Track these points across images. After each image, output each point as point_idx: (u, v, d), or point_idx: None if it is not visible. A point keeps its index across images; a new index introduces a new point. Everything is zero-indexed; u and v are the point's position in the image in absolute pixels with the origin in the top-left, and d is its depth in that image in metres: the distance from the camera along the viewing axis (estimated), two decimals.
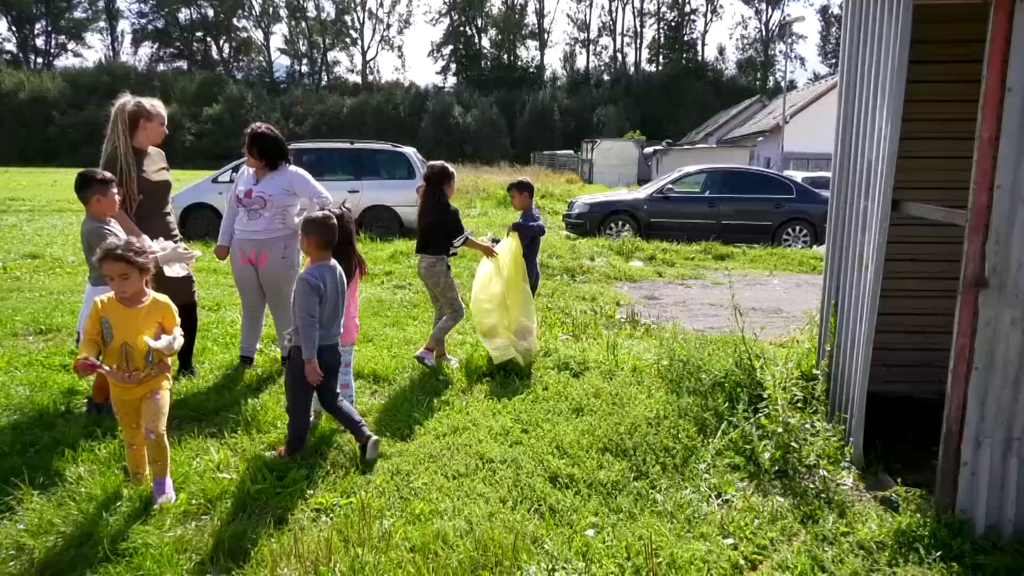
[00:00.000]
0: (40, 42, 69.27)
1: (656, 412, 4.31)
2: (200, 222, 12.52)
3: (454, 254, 5.36)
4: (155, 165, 4.66)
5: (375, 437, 3.80)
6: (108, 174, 4.09)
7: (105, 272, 3.26)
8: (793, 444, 3.76)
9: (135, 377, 3.29)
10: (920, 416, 4.56)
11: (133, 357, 3.27)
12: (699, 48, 75.63)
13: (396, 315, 7.09)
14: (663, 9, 75.01)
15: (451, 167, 5.31)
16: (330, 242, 3.75)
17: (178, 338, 3.32)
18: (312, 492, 3.44)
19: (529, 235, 5.51)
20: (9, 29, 67.77)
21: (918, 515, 3.29)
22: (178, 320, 3.39)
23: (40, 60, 68.33)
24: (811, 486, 3.57)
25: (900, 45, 3.48)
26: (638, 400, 4.56)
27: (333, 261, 3.80)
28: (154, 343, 3.24)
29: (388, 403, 4.57)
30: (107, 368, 3.25)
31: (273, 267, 4.89)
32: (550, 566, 2.92)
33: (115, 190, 4.06)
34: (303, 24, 73.45)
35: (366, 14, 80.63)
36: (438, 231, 5.16)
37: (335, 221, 3.91)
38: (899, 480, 3.56)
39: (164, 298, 3.39)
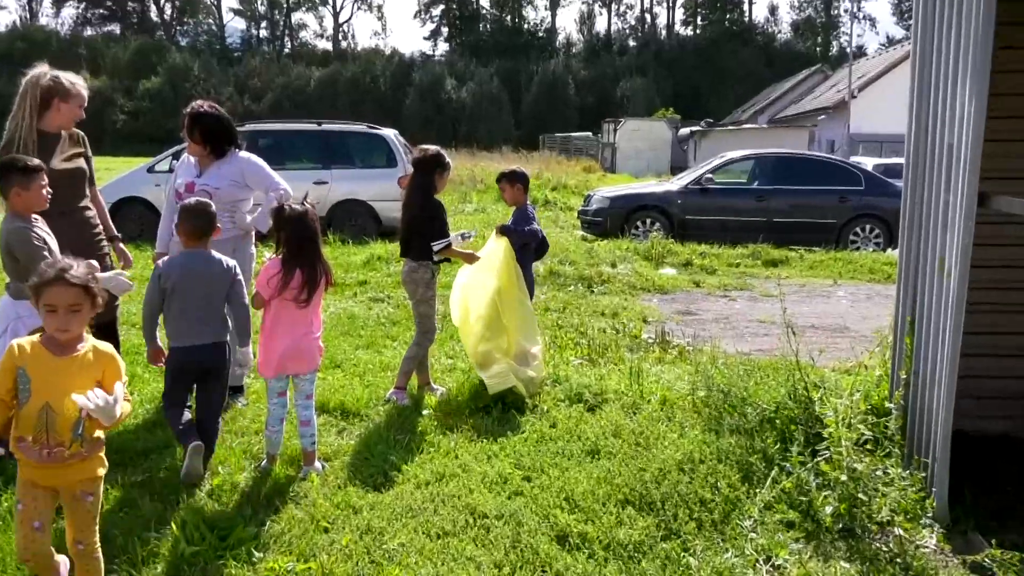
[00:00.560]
0: None
1: (690, 455, 4.28)
2: (132, 220, 12.58)
3: (444, 261, 5.36)
4: (65, 152, 4.62)
5: (201, 443, 3.92)
6: (35, 161, 4.04)
7: (48, 301, 2.79)
8: (861, 496, 3.72)
9: (56, 456, 2.79)
10: (1019, 460, 4.51)
11: (56, 426, 2.77)
12: (746, 7, 76.04)
13: (371, 335, 7.09)
14: None
15: (443, 153, 5.32)
16: (203, 231, 4.05)
17: (121, 400, 2.80)
18: (262, 555, 3.42)
19: (518, 240, 5.49)
20: None
21: None
22: (124, 376, 2.92)
23: None
24: (884, 548, 3.53)
25: (986, 2, 3.47)
26: (668, 440, 4.54)
27: (212, 253, 4.06)
28: (86, 401, 2.70)
29: (359, 444, 4.56)
30: (23, 442, 2.79)
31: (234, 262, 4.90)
32: None
33: (43, 181, 4.03)
34: None
35: None
36: (422, 230, 5.17)
37: (213, 209, 4.12)
38: (993, 541, 3.52)
39: (107, 347, 2.92)
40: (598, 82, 64.99)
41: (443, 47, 74.89)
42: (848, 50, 42.39)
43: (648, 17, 76.36)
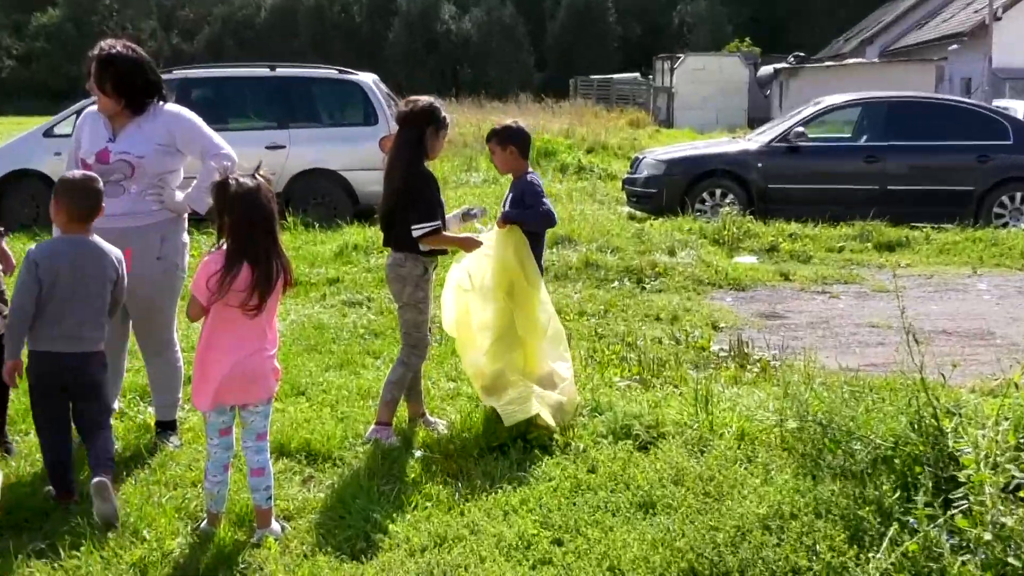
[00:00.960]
0: None
1: (778, 508, 4.27)
2: (23, 200, 12.68)
3: (439, 252, 5.36)
4: None
5: (103, 479, 4.12)
6: None
7: None
8: (1012, 561, 3.70)
9: None
10: None
11: None
12: None
13: (346, 351, 7.13)
14: None
15: (439, 106, 5.33)
16: (89, 212, 4.22)
17: None
18: None
19: (531, 227, 5.49)
20: None
21: None
22: None
23: None
24: None
25: None
26: (747, 488, 4.53)
27: (94, 240, 4.26)
28: None
29: (331, 498, 4.58)
30: None
31: (145, 271, 4.95)
32: None
33: None
34: None
35: None
36: (408, 210, 5.18)
37: (100, 185, 4.27)
38: None
39: None
40: (648, 7, 64.91)
41: None
42: None
43: None
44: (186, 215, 5.23)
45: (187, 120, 5.11)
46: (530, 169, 5.72)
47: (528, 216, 5.47)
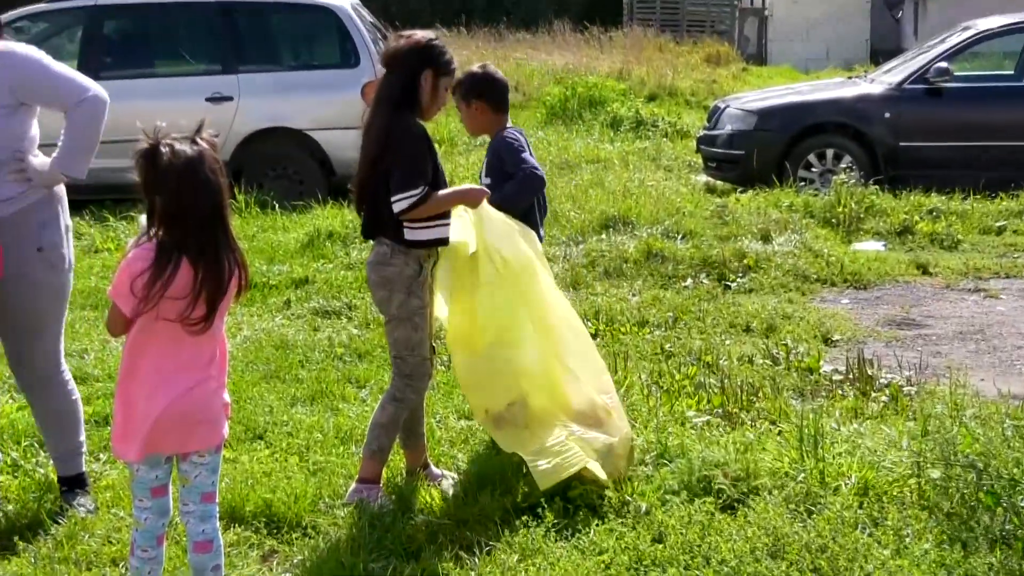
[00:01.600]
0: None
1: None
2: None
3: (434, 244, 5.36)
4: None
5: None
6: None
7: None
8: None
9: None
10: None
11: None
12: None
13: (319, 378, 7.16)
14: None
15: (440, 43, 5.35)
16: None
17: None
18: None
19: (510, 204, 5.58)
20: None
21: None
22: None
23: None
24: None
25: None
26: (874, 561, 4.53)
27: None
28: None
29: None
30: None
31: (23, 270, 5.05)
32: None
33: None
34: None
35: None
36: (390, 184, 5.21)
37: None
38: None
39: None
40: None
41: None
42: None
43: None
44: (61, 188, 5.26)
45: (28, 60, 5.08)
46: (509, 124, 5.82)
47: (513, 196, 5.58)
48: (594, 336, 7.89)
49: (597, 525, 4.95)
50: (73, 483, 5.36)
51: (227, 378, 4.33)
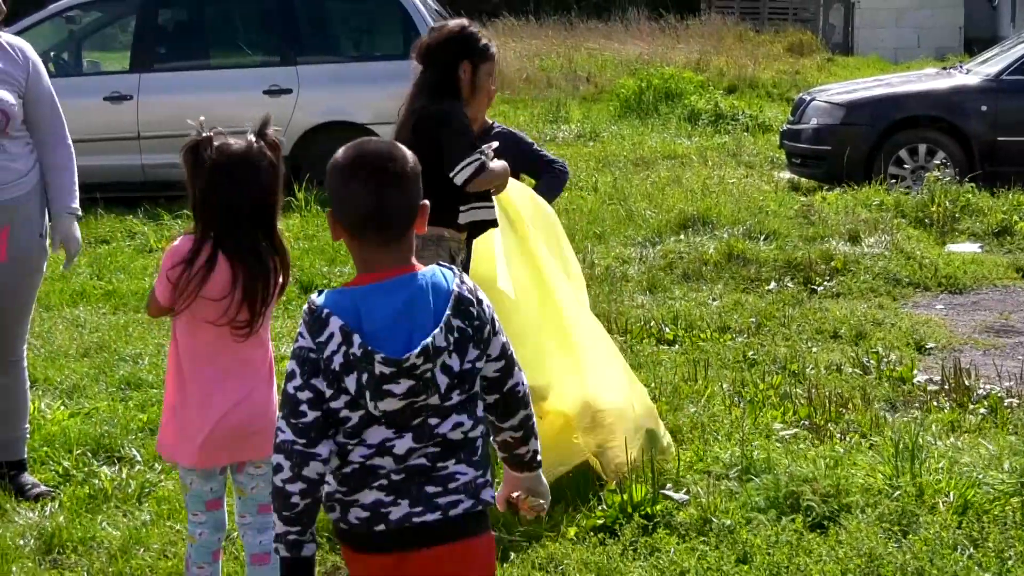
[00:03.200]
0: None
1: None
2: None
3: (478, 227, 5.36)
4: None
5: None
6: None
7: None
8: None
9: None
10: None
11: None
12: None
13: None
14: None
15: (474, 30, 5.36)
16: None
17: None
18: None
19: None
20: None
21: None
22: None
23: None
24: None
25: None
26: None
27: None
28: None
29: None
30: None
31: (23, 253, 5.28)
32: None
33: None
34: None
35: None
36: (429, 177, 5.23)
37: None
38: None
39: None
40: None
41: None
42: None
43: None
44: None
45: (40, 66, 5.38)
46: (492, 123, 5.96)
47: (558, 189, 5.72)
48: (672, 343, 7.93)
49: (677, 544, 4.93)
50: (18, 467, 5.60)
51: (275, 389, 4.31)
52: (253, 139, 4.00)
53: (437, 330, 2.86)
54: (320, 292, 2.88)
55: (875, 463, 5.62)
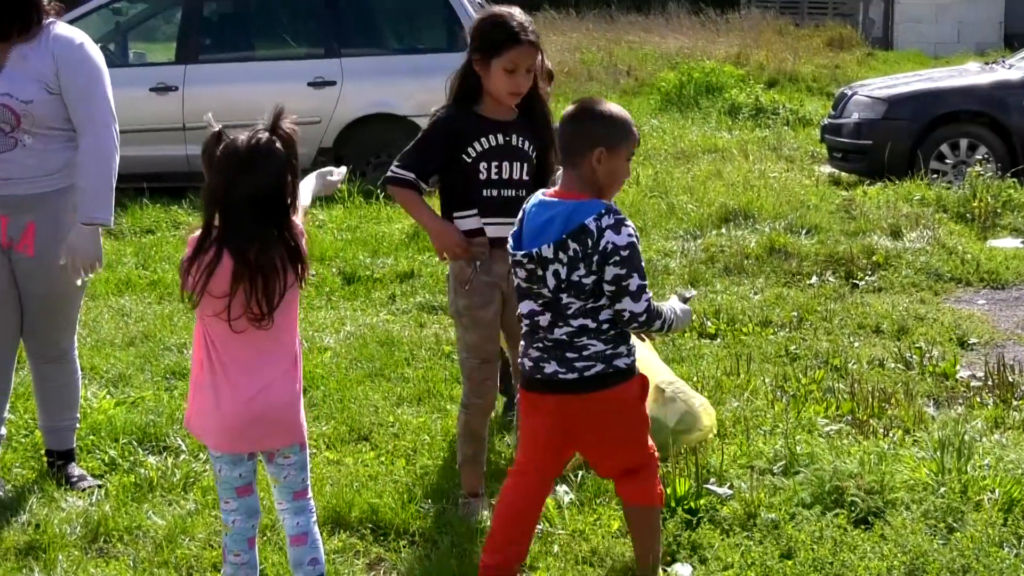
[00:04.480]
0: None
1: None
2: None
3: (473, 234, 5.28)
4: None
5: None
6: None
7: None
8: None
9: None
10: None
11: None
12: None
13: (425, 377, 7.20)
14: None
15: (486, 22, 5.30)
16: None
17: None
18: None
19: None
20: None
21: None
22: None
23: None
24: None
25: None
26: None
27: None
28: None
29: None
30: None
31: (51, 249, 5.20)
32: None
33: None
34: None
35: None
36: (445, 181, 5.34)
37: None
38: None
39: None
40: None
41: None
42: None
43: None
44: None
45: (87, 60, 5.27)
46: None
47: None
48: (713, 336, 7.91)
49: (722, 539, 4.91)
50: (66, 457, 5.64)
51: (301, 379, 4.33)
52: (261, 134, 3.99)
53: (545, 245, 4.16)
54: None
55: (919, 459, 5.60)
